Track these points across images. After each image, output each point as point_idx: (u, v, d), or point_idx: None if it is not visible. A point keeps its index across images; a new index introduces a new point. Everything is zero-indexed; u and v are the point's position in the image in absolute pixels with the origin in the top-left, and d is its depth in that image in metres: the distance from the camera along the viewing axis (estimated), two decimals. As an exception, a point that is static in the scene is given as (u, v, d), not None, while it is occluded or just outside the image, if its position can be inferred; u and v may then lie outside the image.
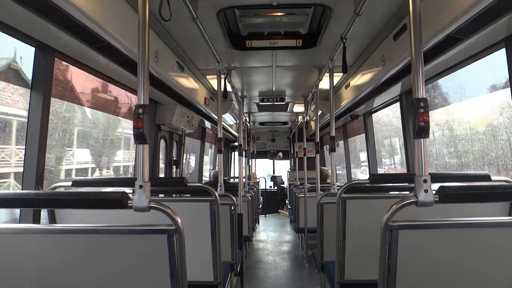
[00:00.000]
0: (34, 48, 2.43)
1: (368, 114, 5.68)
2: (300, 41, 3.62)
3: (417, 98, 1.43)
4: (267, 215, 11.55)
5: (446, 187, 1.37)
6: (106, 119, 4.77)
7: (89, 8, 2.00)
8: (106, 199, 1.37)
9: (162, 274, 1.40)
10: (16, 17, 1.96)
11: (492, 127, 3.27)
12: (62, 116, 3.68)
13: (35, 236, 1.42)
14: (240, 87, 5.83)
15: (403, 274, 1.46)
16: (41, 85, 2.47)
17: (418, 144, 1.44)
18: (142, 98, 1.46)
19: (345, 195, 2.52)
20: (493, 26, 2.10)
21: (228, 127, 8.63)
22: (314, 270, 5.05)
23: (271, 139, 12.41)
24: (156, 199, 1.65)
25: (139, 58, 1.50)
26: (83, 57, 2.69)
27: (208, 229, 2.50)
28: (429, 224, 1.44)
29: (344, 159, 7.76)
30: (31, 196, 1.40)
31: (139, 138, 1.42)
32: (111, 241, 1.41)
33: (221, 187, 3.44)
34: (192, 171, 8.21)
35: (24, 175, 2.47)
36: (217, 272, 2.56)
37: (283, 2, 2.81)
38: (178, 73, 3.83)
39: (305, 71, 4.88)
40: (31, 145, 2.47)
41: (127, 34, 2.44)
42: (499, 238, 1.44)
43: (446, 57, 2.71)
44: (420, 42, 1.50)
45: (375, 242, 1.50)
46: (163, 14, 2.12)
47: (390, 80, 3.49)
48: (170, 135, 5.28)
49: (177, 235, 1.36)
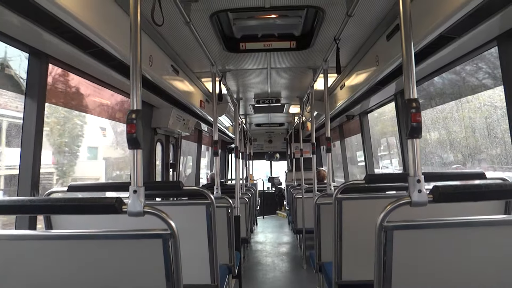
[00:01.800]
0: (28, 54, 2.43)
1: (364, 114, 5.69)
2: (294, 42, 3.63)
3: (409, 98, 1.44)
4: (265, 217, 11.55)
5: (439, 186, 1.38)
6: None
7: (81, 13, 2.00)
8: (101, 205, 1.37)
9: (157, 278, 1.40)
10: (9, 23, 1.96)
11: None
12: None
13: (31, 242, 1.42)
14: (235, 89, 5.83)
15: (398, 274, 1.46)
16: (35, 90, 2.47)
17: (411, 144, 1.45)
18: (135, 103, 1.46)
19: (341, 196, 2.53)
20: (485, 25, 2.12)
21: (225, 129, 8.63)
22: (312, 271, 5.05)
23: (267, 140, 12.42)
24: (152, 203, 1.65)
25: (132, 62, 1.50)
26: (76, 62, 2.69)
27: (205, 232, 2.50)
28: (424, 224, 1.44)
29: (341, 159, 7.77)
30: (26, 203, 1.40)
31: (133, 143, 1.42)
32: (107, 246, 1.41)
33: (218, 190, 3.44)
34: (189, 174, 8.20)
35: (20, 181, 2.46)
36: (215, 274, 2.56)
37: (276, 4, 2.82)
38: (173, 76, 3.83)
39: (300, 73, 4.90)
40: (26, 150, 2.46)
41: (120, 39, 2.44)
42: (494, 236, 1.44)
43: (439, 57, 2.73)
44: (411, 43, 1.51)
45: (371, 243, 1.50)
46: (156, 19, 2.13)
47: (384, 80, 3.51)
48: (166, 139, 5.28)
49: (172, 239, 1.36)
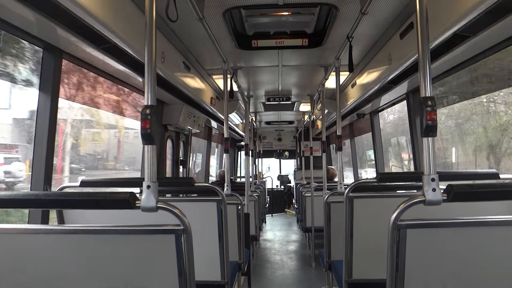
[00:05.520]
0: (42, 50, 2.46)
1: (375, 112, 5.65)
2: (306, 40, 3.62)
3: (424, 96, 1.43)
4: (273, 215, 11.55)
5: (454, 185, 1.36)
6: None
7: (96, 9, 2.01)
8: (115, 200, 1.38)
9: (170, 274, 1.41)
10: (24, 19, 1.97)
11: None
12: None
13: (44, 236, 1.43)
14: (246, 87, 5.83)
15: (411, 273, 1.45)
16: (49, 86, 2.49)
17: (426, 143, 1.44)
18: (149, 99, 1.46)
19: (352, 194, 2.52)
20: (501, 23, 2.08)
21: (235, 127, 8.64)
22: (321, 269, 5.03)
23: (277, 138, 12.39)
24: (164, 199, 1.65)
25: (146, 59, 1.50)
26: (90, 58, 2.71)
27: (216, 228, 2.51)
28: (438, 223, 1.43)
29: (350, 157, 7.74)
30: (40, 197, 1.41)
31: (147, 139, 1.42)
32: (119, 241, 1.42)
33: (228, 187, 3.44)
34: (198, 171, 8.23)
35: (33, 175, 2.49)
36: (225, 271, 2.56)
37: (289, 1, 2.81)
38: (184, 73, 3.84)
39: (311, 70, 4.88)
40: (40, 145, 2.49)
41: (134, 35, 2.45)
42: (509, 236, 1.43)
43: (453, 55, 2.70)
44: (427, 40, 1.49)
45: (383, 241, 1.49)
46: (170, 15, 2.13)
47: (396, 79, 3.48)
48: (176, 135, 5.30)
49: (185, 235, 1.37)
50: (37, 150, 2.49)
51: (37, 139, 2.49)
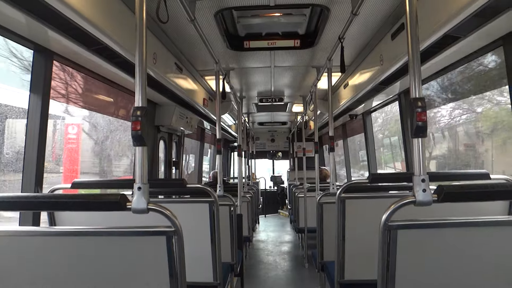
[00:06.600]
0: (33, 51, 2.44)
1: (367, 113, 5.68)
2: (298, 41, 3.63)
3: (414, 97, 1.44)
4: (267, 215, 11.55)
5: (444, 186, 1.37)
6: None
7: (86, 10, 2.00)
8: (106, 201, 1.37)
9: (161, 275, 1.40)
10: (14, 20, 1.96)
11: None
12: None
13: (35, 238, 1.42)
14: (238, 88, 5.83)
15: (402, 273, 1.46)
16: (40, 87, 2.47)
17: (416, 144, 1.44)
18: (140, 100, 1.46)
19: (344, 195, 2.52)
20: (490, 25, 2.10)
21: (227, 128, 8.63)
22: (314, 270, 5.04)
23: (270, 139, 12.40)
24: (155, 201, 1.65)
25: (137, 60, 1.50)
26: (81, 59, 2.69)
27: (208, 230, 2.50)
28: (428, 224, 1.44)
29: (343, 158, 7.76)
30: (31, 199, 1.40)
31: (138, 140, 1.42)
32: (111, 243, 1.41)
33: (221, 188, 3.44)
34: (191, 172, 8.21)
35: (24, 177, 2.47)
36: (217, 272, 2.56)
37: (281, 2, 2.82)
38: (176, 74, 3.83)
39: (304, 71, 4.89)
40: (30, 147, 2.47)
41: (124, 36, 2.44)
42: (499, 237, 1.44)
43: (443, 56, 2.72)
44: (417, 42, 1.50)
45: (374, 242, 1.49)
46: (161, 16, 2.13)
47: (388, 80, 3.50)
48: (169, 136, 5.28)
49: (176, 236, 1.37)
50: (28, 151, 2.47)
51: (28, 141, 2.47)
